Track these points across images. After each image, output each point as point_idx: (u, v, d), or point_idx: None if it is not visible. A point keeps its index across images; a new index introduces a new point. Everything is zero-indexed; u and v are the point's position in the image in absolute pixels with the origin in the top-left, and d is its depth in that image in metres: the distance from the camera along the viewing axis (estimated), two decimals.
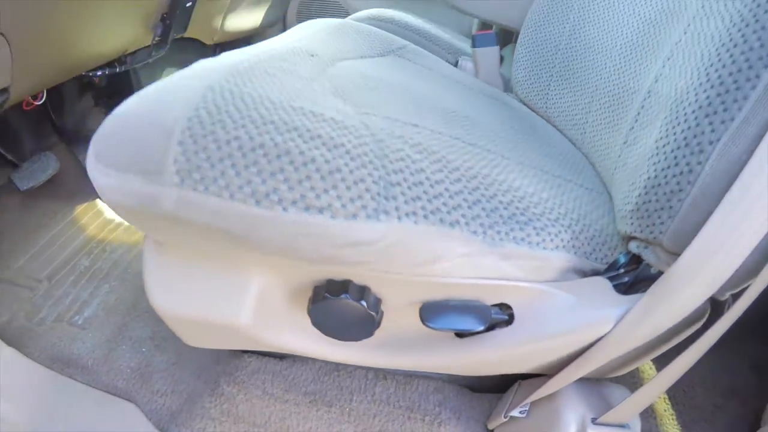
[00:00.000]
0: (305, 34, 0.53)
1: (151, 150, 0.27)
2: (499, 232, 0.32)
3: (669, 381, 0.36)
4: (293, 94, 0.33)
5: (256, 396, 0.51)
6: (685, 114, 0.31)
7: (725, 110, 0.28)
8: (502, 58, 0.74)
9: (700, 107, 0.30)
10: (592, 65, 0.55)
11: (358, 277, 0.33)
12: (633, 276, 0.36)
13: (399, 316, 0.37)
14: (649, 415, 0.61)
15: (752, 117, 0.27)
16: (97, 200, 0.99)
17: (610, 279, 0.35)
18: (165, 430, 0.54)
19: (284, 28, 1.56)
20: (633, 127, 0.41)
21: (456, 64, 0.73)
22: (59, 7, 0.66)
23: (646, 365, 0.65)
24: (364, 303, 0.33)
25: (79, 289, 0.80)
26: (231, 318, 0.36)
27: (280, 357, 0.55)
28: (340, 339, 0.36)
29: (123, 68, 0.95)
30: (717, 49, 0.30)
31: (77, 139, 1.02)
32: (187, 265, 0.36)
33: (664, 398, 0.62)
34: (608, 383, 0.45)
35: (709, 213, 0.29)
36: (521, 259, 0.33)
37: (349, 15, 0.98)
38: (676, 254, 0.30)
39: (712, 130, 0.29)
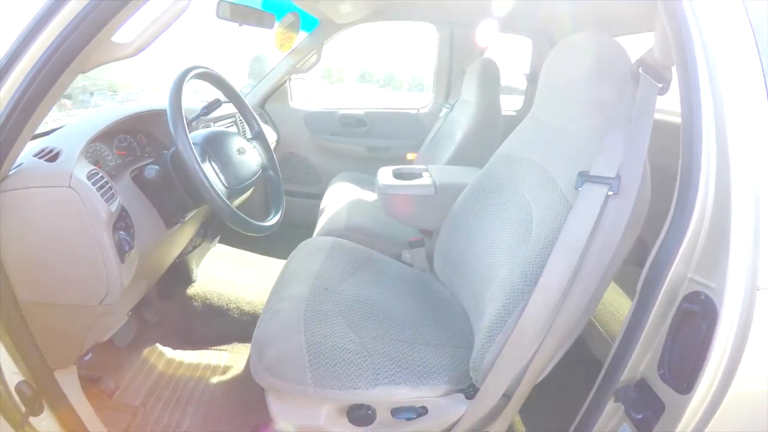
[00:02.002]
0: (313, 258, 1.08)
1: (298, 374, 0.82)
2: (419, 383, 0.86)
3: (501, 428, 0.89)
4: (338, 334, 0.88)
5: None
6: (488, 335, 0.86)
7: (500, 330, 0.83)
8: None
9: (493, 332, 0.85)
10: (470, 277, 1.05)
11: (366, 400, 0.86)
12: (474, 390, 0.90)
13: (382, 414, 0.89)
14: None
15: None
16: (157, 344, 1.35)
17: (464, 392, 0.89)
18: None
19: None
20: (475, 328, 0.96)
21: (401, 256, 1.29)
22: (166, 250, 1.13)
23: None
24: (369, 411, 0.85)
25: (171, 411, 1.12)
26: (315, 421, 0.88)
27: None
28: (360, 426, 0.88)
29: (178, 259, 1.42)
30: (506, 297, 0.85)
31: (141, 301, 1.41)
32: (293, 403, 0.88)
33: None
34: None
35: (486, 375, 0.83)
36: (428, 390, 0.87)
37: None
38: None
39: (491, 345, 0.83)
